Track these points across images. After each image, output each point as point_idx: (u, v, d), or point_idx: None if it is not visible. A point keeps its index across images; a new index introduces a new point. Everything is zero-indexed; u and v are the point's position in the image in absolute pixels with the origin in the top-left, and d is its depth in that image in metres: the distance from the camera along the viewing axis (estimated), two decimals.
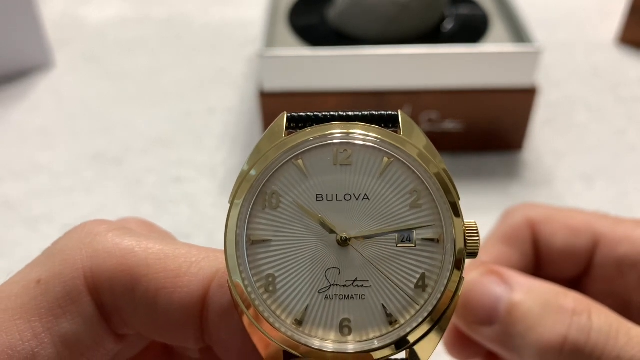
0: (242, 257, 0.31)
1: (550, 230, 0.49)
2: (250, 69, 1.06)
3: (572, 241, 0.48)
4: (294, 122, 0.34)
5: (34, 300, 0.32)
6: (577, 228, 0.49)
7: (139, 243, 0.33)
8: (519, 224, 0.50)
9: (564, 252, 0.49)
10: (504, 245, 0.49)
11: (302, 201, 0.32)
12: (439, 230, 0.32)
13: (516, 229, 0.50)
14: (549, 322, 0.40)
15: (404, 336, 0.31)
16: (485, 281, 0.45)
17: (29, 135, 0.92)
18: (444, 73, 0.81)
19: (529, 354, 0.41)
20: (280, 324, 0.31)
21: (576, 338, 0.39)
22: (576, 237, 0.49)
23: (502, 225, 0.51)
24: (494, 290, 0.44)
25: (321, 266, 0.31)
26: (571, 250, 0.49)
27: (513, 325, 0.42)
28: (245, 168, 0.32)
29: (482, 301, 0.44)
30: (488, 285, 0.45)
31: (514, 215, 0.51)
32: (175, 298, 0.32)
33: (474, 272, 0.46)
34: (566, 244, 0.49)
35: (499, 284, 0.44)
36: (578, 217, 0.50)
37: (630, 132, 0.92)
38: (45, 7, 1.20)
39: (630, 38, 1.09)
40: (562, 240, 0.49)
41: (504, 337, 0.43)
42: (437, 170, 0.32)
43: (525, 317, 0.42)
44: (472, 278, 0.45)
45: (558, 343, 0.39)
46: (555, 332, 0.40)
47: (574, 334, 0.39)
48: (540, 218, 0.50)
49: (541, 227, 0.49)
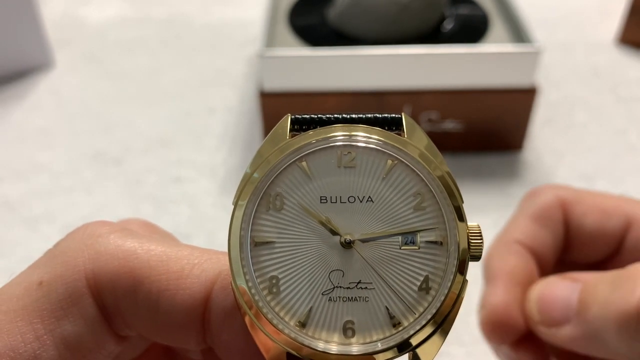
0: (245, 258, 0.31)
1: (582, 211, 0.48)
2: (250, 69, 1.06)
3: (604, 223, 0.48)
4: (298, 124, 0.33)
5: (35, 302, 0.32)
6: (609, 210, 0.48)
7: (141, 245, 0.33)
8: (550, 203, 0.49)
9: (595, 234, 0.48)
10: (536, 223, 0.48)
11: (306, 203, 0.32)
12: (442, 232, 0.32)
13: (548, 208, 0.49)
14: (622, 291, 0.39)
15: (407, 339, 0.30)
16: (558, 283, 0.45)
17: (29, 135, 0.92)
18: (444, 73, 0.81)
19: (611, 335, 0.39)
20: (283, 325, 0.30)
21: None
22: (608, 219, 0.48)
23: (531, 204, 0.50)
24: (564, 287, 0.44)
25: (325, 268, 0.31)
26: (602, 232, 0.48)
27: (588, 311, 0.41)
28: (248, 171, 0.32)
29: (555, 302, 0.44)
30: (561, 285, 0.44)
31: (545, 195, 0.50)
32: (177, 300, 0.32)
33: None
34: (597, 225, 0.48)
35: (570, 282, 0.44)
36: (610, 199, 0.49)
37: (630, 132, 0.92)
38: (45, 7, 1.20)
39: (630, 38, 1.09)
40: (594, 222, 0.48)
41: (584, 328, 0.42)
42: (441, 173, 0.32)
43: (596, 299, 0.41)
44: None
45: (635, 308, 0.38)
46: (629, 298, 0.38)
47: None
48: (572, 198, 0.49)
49: (573, 208, 0.49)
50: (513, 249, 0.48)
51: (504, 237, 0.49)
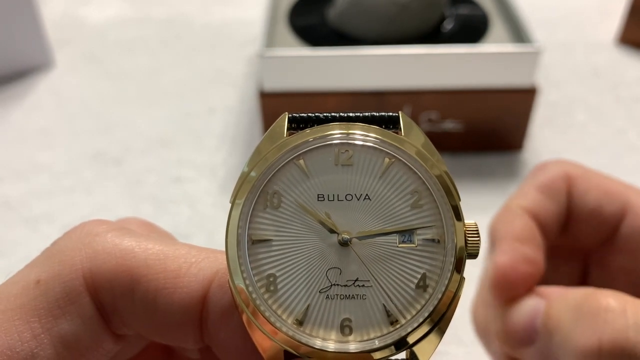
0: (243, 256, 0.31)
1: (585, 187, 0.49)
2: (250, 69, 1.06)
3: (604, 203, 0.48)
4: (295, 123, 0.34)
5: (33, 301, 0.32)
6: (610, 191, 0.48)
7: (139, 243, 0.33)
8: (557, 176, 0.49)
9: (594, 213, 0.48)
10: (541, 193, 0.49)
11: (304, 201, 0.32)
12: (439, 230, 0.32)
13: (554, 180, 0.49)
14: (583, 326, 0.39)
15: (404, 336, 0.30)
16: (524, 300, 0.45)
17: (29, 135, 0.92)
18: (444, 73, 0.81)
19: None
20: (281, 323, 0.30)
21: (613, 338, 0.37)
22: (608, 200, 0.48)
23: (538, 175, 0.50)
24: (532, 304, 0.44)
25: (322, 266, 0.31)
26: (601, 212, 0.48)
27: (551, 337, 0.41)
28: (245, 169, 0.32)
29: (520, 321, 0.44)
30: (527, 302, 0.44)
31: (552, 167, 0.50)
32: (175, 298, 0.32)
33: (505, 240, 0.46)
34: (597, 204, 0.48)
35: (536, 298, 0.44)
36: (612, 182, 0.49)
37: (630, 132, 0.92)
38: (45, 7, 1.20)
39: (630, 38, 1.09)
40: (594, 200, 0.48)
41: (545, 354, 0.42)
42: (439, 172, 0.32)
43: (559, 327, 0.41)
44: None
45: (594, 347, 0.38)
46: (590, 336, 0.38)
47: (610, 335, 0.38)
48: (577, 174, 0.49)
49: (577, 182, 0.49)
50: (518, 213, 0.48)
51: (510, 204, 0.50)
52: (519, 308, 0.45)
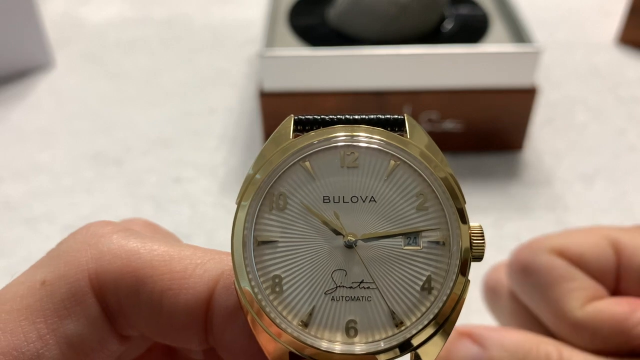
0: (249, 257, 0.31)
1: (577, 253, 0.47)
2: (250, 69, 1.06)
3: (601, 257, 0.46)
4: (301, 125, 0.34)
5: (39, 302, 0.32)
6: (598, 243, 0.47)
7: (144, 244, 0.33)
8: (554, 261, 0.47)
9: (599, 270, 0.46)
10: (571, 282, 0.46)
11: (309, 202, 0.32)
12: (445, 233, 0.32)
13: (559, 267, 0.46)
14: None
15: (409, 338, 0.31)
16: (459, 347, 0.44)
17: (29, 135, 0.92)
18: (444, 73, 0.81)
19: None
20: (286, 325, 0.31)
21: None
22: (602, 252, 0.46)
23: (542, 275, 0.47)
24: (469, 353, 0.44)
25: (328, 267, 0.31)
26: (603, 266, 0.46)
27: None
28: (251, 172, 0.32)
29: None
30: (463, 350, 0.44)
31: (541, 258, 0.47)
32: (180, 299, 0.32)
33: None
34: (597, 261, 0.46)
35: (472, 346, 0.44)
36: (590, 232, 0.48)
37: (630, 132, 0.92)
38: (45, 7, 1.20)
39: (630, 38, 1.09)
40: (593, 259, 0.46)
41: None
42: (445, 174, 0.32)
43: None
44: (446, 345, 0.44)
45: None
46: None
47: None
48: (560, 246, 0.47)
49: (569, 253, 0.47)
50: None
51: (568, 321, 0.46)
52: (457, 354, 0.44)
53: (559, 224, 0.77)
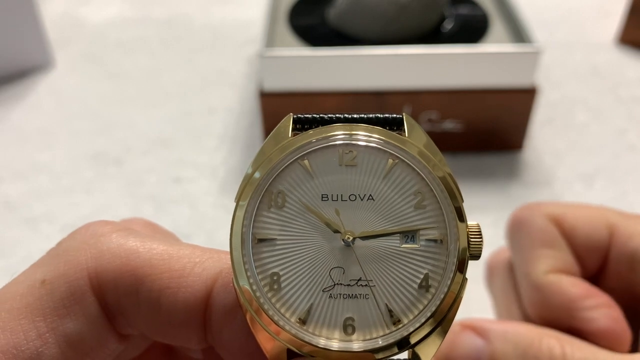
0: (247, 255, 0.31)
1: (571, 225, 0.48)
2: (250, 69, 1.06)
3: (592, 234, 0.47)
4: (300, 124, 0.34)
5: (38, 300, 0.32)
6: (594, 221, 0.48)
7: (143, 244, 0.33)
8: (547, 225, 0.48)
9: (586, 246, 0.47)
10: (551, 249, 0.47)
11: (308, 200, 0.32)
12: (442, 231, 0.32)
13: (548, 231, 0.47)
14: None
15: (407, 336, 0.31)
16: (463, 339, 0.45)
17: (29, 135, 0.92)
18: (444, 73, 0.81)
19: None
20: (284, 322, 0.31)
21: None
22: (595, 230, 0.47)
23: (529, 233, 0.48)
24: (473, 345, 0.44)
25: (326, 265, 0.31)
26: (592, 243, 0.47)
27: None
28: (249, 171, 0.32)
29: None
30: (466, 342, 0.44)
31: (535, 219, 0.48)
32: (179, 298, 0.32)
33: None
34: (588, 237, 0.47)
35: (475, 338, 0.44)
36: (591, 209, 0.49)
37: (630, 132, 0.92)
38: (45, 7, 1.20)
39: (630, 38, 1.09)
40: (584, 234, 0.47)
41: None
42: (443, 174, 0.32)
43: None
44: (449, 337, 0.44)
45: None
46: None
47: None
48: (557, 214, 0.48)
49: (563, 223, 0.48)
50: (557, 281, 0.46)
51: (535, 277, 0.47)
52: (461, 346, 0.44)
53: None
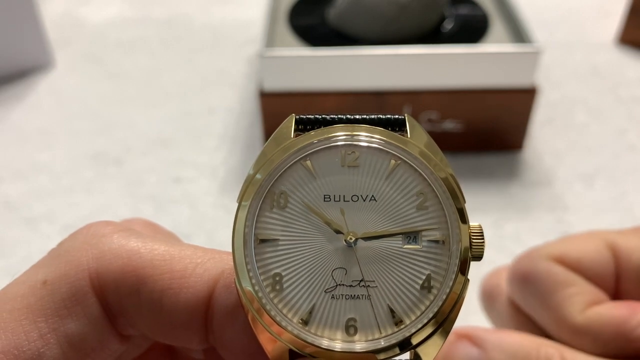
0: (249, 255, 0.31)
1: (575, 258, 0.46)
2: (250, 69, 1.06)
3: (598, 260, 0.46)
4: (302, 124, 0.34)
5: (40, 301, 0.32)
6: (594, 247, 0.47)
7: (145, 244, 0.33)
8: (554, 267, 0.46)
9: (597, 273, 0.46)
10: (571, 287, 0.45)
11: (310, 201, 0.32)
12: (445, 232, 0.32)
13: (559, 273, 0.46)
14: None
15: (409, 337, 0.31)
16: (458, 349, 0.44)
17: (29, 135, 0.92)
18: (444, 73, 0.81)
19: None
20: (286, 322, 0.31)
21: None
22: (599, 255, 0.46)
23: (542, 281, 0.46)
24: (469, 355, 0.44)
25: (328, 266, 0.31)
26: (601, 268, 0.46)
27: None
28: (251, 172, 0.32)
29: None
30: (462, 352, 0.44)
31: (540, 267, 0.47)
32: (180, 299, 0.32)
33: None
34: (595, 264, 0.46)
35: (471, 348, 0.44)
36: (586, 237, 0.47)
37: (630, 132, 0.92)
38: (45, 7, 1.20)
39: (630, 38, 1.09)
40: (591, 263, 0.46)
41: None
42: (445, 175, 0.32)
43: None
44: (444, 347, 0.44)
45: None
46: None
47: None
48: (558, 253, 0.47)
49: (567, 259, 0.47)
50: None
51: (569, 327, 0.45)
52: (453, 357, 0.44)
53: (559, 224, 0.77)
